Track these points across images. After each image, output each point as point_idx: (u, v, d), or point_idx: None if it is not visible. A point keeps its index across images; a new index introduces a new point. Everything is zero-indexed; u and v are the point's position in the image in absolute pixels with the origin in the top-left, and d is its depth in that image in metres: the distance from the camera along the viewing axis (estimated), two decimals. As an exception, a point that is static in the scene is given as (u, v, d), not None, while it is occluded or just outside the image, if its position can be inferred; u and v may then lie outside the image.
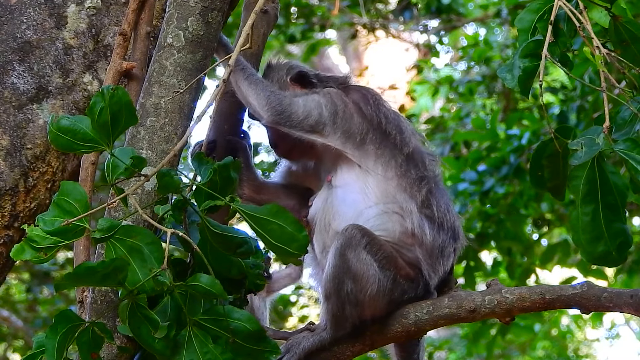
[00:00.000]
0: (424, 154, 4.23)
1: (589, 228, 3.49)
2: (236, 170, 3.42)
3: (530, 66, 3.56)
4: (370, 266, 4.02)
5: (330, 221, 4.17)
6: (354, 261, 4.00)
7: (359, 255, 4.01)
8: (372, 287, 4.03)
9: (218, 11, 3.91)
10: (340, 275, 4.01)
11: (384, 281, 4.05)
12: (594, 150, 3.41)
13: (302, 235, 3.36)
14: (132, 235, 3.37)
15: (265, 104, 4.11)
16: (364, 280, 4.01)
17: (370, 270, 4.02)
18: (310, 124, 4.14)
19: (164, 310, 3.41)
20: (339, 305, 4.02)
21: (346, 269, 4.00)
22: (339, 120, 4.16)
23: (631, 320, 17.99)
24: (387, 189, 4.14)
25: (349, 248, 4.00)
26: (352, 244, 4.00)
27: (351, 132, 4.15)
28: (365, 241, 4.03)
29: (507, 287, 4.02)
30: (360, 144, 4.15)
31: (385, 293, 4.04)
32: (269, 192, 4.36)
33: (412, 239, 4.13)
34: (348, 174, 4.17)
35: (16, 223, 4.30)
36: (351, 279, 4.01)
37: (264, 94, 4.12)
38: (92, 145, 3.40)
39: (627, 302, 3.85)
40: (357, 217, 4.12)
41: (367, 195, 4.14)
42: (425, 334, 4.20)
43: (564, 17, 3.63)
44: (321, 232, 4.19)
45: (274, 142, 4.35)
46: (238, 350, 3.39)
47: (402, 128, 4.22)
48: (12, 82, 4.35)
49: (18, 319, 12.04)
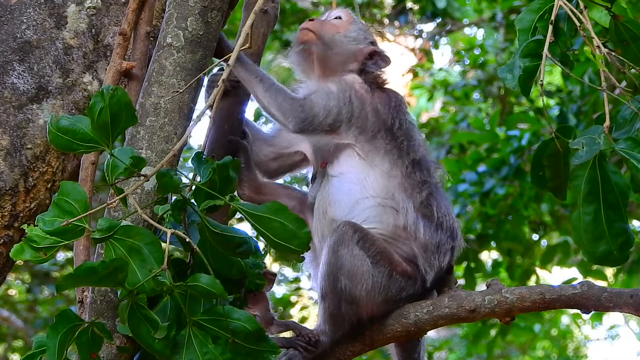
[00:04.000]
0: (429, 162, 4.27)
1: (591, 228, 3.49)
2: (235, 169, 3.42)
3: (530, 66, 3.56)
4: (364, 262, 4.02)
5: (327, 208, 4.18)
6: (347, 257, 4.01)
7: (352, 251, 4.02)
8: (366, 283, 4.03)
9: (217, 11, 3.91)
10: (334, 272, 4.01)
11: (379, 277, 4.05)
12: (595, 150, 3.41)
13: (303, 233, 3.36)
14: (131, 235, 3.37)
15: (290, 115, 4.12)
16: (358, 276, 4.02)
17: (364, 265, 4.03)
18: (329, 123, 4.17)
19: (163, 310, 3.41)
20: (336, 303, 4.03)
21: (340, 265, 4.01)
22: (354, 119, 4.20)
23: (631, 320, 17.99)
24: (388, 186, 4.15)
25: (342, 244, 4.01)
26: (344, 240, 4.02)
27: (364, 129, 4.19)
28: (358, 237, 4.04)
29: (507, 287, 4.01)
30: (372, 139, 4.18)
31: (380, 289, 4.05)
32: (269, 192, 4.36)
33: (405, 232, 4.13)
34: (346, 164, 4.19)
35: (16, 223, 4.30)
36: (345, 276, 4.01)
37: (286, 105, 4.12)
38: (91, 145, 3.40)
39: (627, 302, 3.85)
40: (354, 206, 4.14)
41: (364, 186, 4.15)
42: (426, 333, 4.20)
43: (565, 17, 3.63)
44: (319, 220, 4.21)
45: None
46: (238, 350, 3.39)
47: (413, 136, 4.27)
48: (12, 82, 4.35)
49: (18, 319, 12.04)
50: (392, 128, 4.22)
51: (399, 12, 12.35)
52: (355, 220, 4.12)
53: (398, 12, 12.37)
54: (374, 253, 4.06)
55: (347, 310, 4.03)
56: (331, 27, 4.38)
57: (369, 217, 4.13)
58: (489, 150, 10.04)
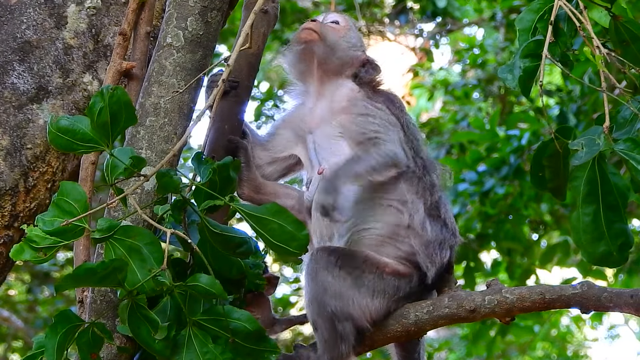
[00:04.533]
0: (434, 163, 4.28)
1: (590, 228, 3.49)
2: (235, 170, 3.42)
3: (530, 66, 3.56)
4: (347, 277, 3.99)
5: None
6: (329, 279, 3.97)
7: (332, 273, 3.98)
8: (356, 295, 4.00)
9: (217, 11, 3.91)
10: (319, 297, 3.97)
11: (370, 284, 4.03)
12: (595, 150, 3.41)
13: (302, 234, 3.36)
14: (131, 235, 3.37)
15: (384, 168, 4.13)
16: (345, 293, 3.98)
17: (347, 280, 3.99)
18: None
19: (163, 310, 3.41)
20: (330, 327, 3.98)
21: (323, 289, 3.97)
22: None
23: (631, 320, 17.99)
24: (398, 185, 4.15)
25: (320, 270, 3.98)
26: (321, 267, 3.98)
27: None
28: (334, 257, 4.01)
29: (507, 287, 4.01)
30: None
31: (374, 294, 4.03)
32: (269, 192, 4.35)
33: (406, 230, 4.13)
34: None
35: (16, 223, 4.30)
36: (332, 297, 3.97)
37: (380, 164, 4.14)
38: (91, 145, 3.40)
39: (627, 302, 3.84)
40: (353, 205, 4.12)
41: (367, 186, 4.14)
42: (426, 333, 4.19)
43: (564, 17, 3.63)
44: (318, 220, 4.19)
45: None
46: (238, 350, 3.39)
47: (417, 137, 4.29)
48: (12, 82, 4.35)
49: (18, 319, 12.04)
50: (404, 128, 4.24)
51: (399, 11, 12.36)
52: (353, 219, 4.12)
53: (398, 11, 12.38)
54: (357, 265, 4.03)
55: (345, 327, 4.00)
56: (333, 30, 4.38)
57: (366, 217, 4.12)
58: (489, 150, 10.04)
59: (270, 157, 4.41)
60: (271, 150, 4.41)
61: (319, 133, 4.29)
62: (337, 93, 4.33)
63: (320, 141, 4.27)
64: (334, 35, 4.36)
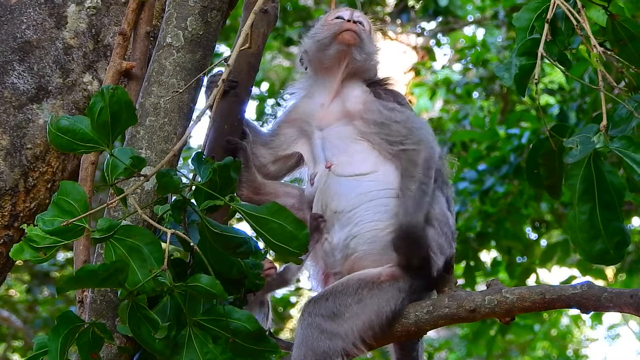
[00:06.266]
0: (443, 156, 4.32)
1: (586, 227, 3.49)
2: (236, 170, 3.42)
3: (527, 64, 3.57)
4: (347, 309, 3.98)
5: (328, 202, 4.17)
6: (329, 322, 3.96)
7: (330, 312, 3.98)
8: (362, 318, 3.98)
9: (217, 11, 3.91)
10: (317, 341, 3.94)
11: (371, 303, 4.01)
12: (589, 148, 3.41)
13: (303, 234, 3.35)
14: (131, 235, 3.37)
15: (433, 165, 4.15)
16: (346, 325, 3.97)
17: (348, 311, 3.98)
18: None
19: (163, 311, 3.41)
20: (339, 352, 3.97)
21: (320, 332, 3.94)
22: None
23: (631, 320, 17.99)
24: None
25: (316, 317, 3.96)
26: (317, 314, 3.97)
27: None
28: (324, 300, 4.00)
29: (507, 287, 4.01)
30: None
31: (378, 308, 4.02)
32: (268, 193, 4.35)
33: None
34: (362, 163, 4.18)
35: (16, 223, 4.31)
36: (334, 337, 3.95)
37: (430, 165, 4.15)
38: (91, 145, 3.40)
39: (627, 302, 3.84)
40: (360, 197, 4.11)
41: (377, 180, 4.14)
42: (425, 333, 4.19)
43: (562, 16, 3.63)
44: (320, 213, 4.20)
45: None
46: (238, 350, 3.39)
47: None
48: (12, 82, 4.36)
49: (18, 319, 12.04)
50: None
51: (401, 10, 12.35)
52: (358, 213, 4.12)
53: (400, 10, 12.37)
54: (353, 291, 4.02)
55: (359, 347, 4.00)
56: (368, 37, 4.40)
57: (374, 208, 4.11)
58: (489, 149, 10.05)
59: (273, 155, 4.41)
60: (274, 149, 4.41)
61: (331, 131, 4.28)
62: (352, 94, 4.33)
63: (332, 139, 4.26)
64: (371, 44, 4.42)
